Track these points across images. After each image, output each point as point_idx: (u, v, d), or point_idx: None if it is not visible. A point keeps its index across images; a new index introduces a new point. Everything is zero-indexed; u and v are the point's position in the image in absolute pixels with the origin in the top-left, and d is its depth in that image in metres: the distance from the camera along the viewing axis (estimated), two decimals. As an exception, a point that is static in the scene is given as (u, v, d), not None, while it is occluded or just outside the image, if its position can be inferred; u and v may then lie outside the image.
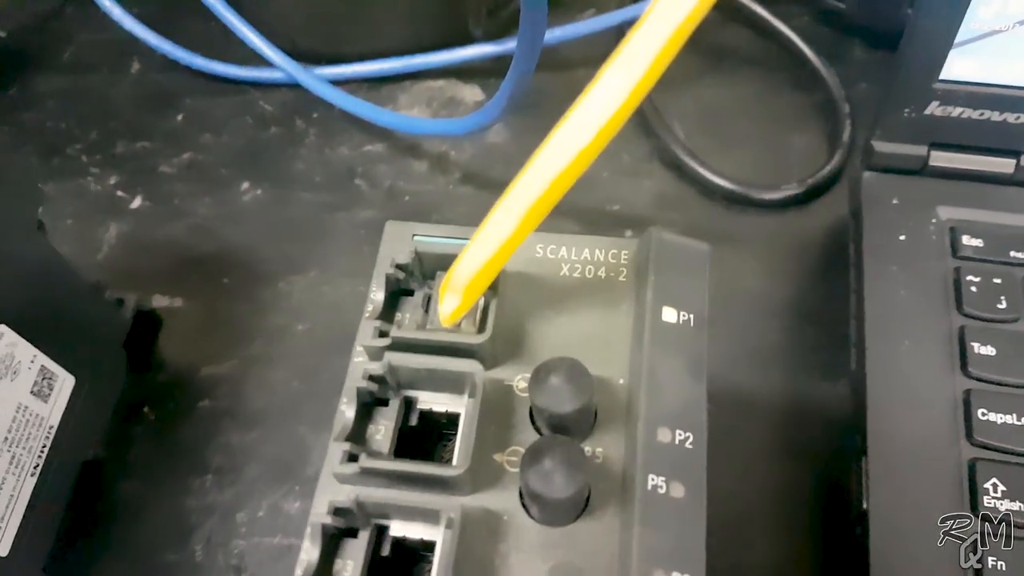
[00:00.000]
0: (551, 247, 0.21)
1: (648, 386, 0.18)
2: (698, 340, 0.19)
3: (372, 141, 0.40)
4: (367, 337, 0.19)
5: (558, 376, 0.17)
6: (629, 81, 0.16)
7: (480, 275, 0.18)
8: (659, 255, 0.20)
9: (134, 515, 0.32)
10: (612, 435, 0.18)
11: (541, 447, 0.16)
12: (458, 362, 0.18)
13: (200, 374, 0.35)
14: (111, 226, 0.39)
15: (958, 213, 0.33)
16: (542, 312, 0.20)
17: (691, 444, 0.18)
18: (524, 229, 0.17)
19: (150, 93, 0.42)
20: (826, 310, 0.35)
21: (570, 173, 0.17)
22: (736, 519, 0.31)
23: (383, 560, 0.18)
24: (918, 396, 0.30)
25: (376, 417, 0.19)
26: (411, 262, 0.19)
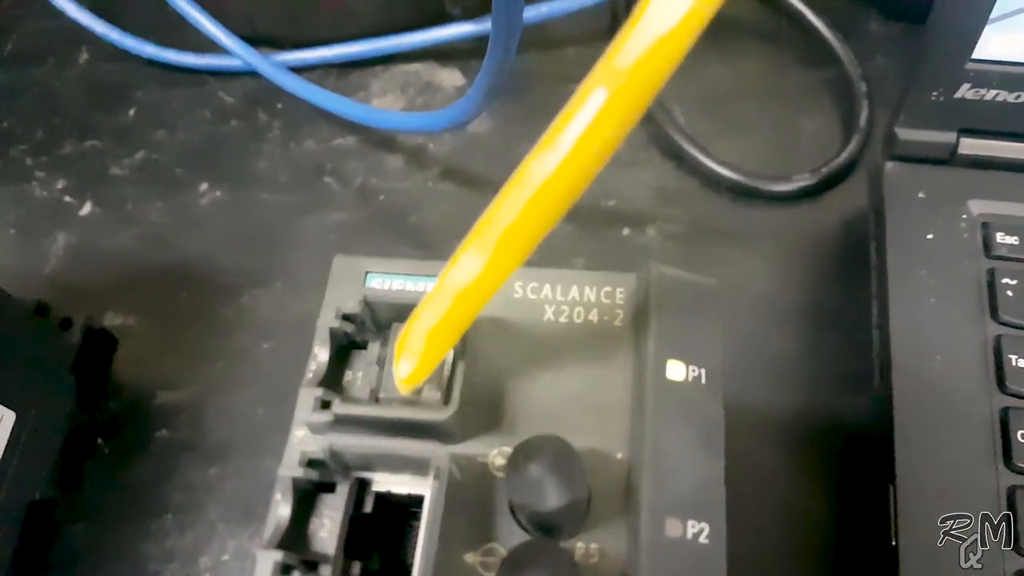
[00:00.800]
0: (532, 285, 0.17)
1: (653, 464, 0.15)
2: (711, 402, 0.15)
3: (342, 134, 0.36)
4: (307, 410, 0.15)
5: (539, 463, 0.14)
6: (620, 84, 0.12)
7: (442, 330, 0.14)
8: (660, 296, 0.16)
9: (88, 562, 0.29)
10: (610, 527, 0.15)
11: (522, 559, 0.13)
12: (417, 445, 0.14)
13: (157, 401, 0.32)
14: (58, 236, 0.35)
15: (991, 207, 0.29)
16: (522, 367, 0.16)
17: (707, 538, 0.14)
18: (498, 273, 0.14)
19: (99, 86, 0.39)
20: (844, 315, 0.31)
21: (557, 195, 0.13)
22: (748, 552, 0.28)
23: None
24: (952, 418, 0.26)
25: (320, 508, 0.15)
26: (361, 312, 0.16)
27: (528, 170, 0.13)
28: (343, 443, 0.14)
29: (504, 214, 0.14)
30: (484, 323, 0.17)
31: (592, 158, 0.12)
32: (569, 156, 0.12)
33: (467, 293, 0.14)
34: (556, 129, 0.12)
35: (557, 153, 0.12)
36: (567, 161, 0.12)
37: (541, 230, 0.14)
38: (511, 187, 0.13)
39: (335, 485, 0.15)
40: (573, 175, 0.13)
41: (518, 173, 0.13)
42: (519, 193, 0.13)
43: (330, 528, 0.15)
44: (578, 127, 0.12)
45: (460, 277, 0.14)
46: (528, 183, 0.13)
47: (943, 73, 0.28)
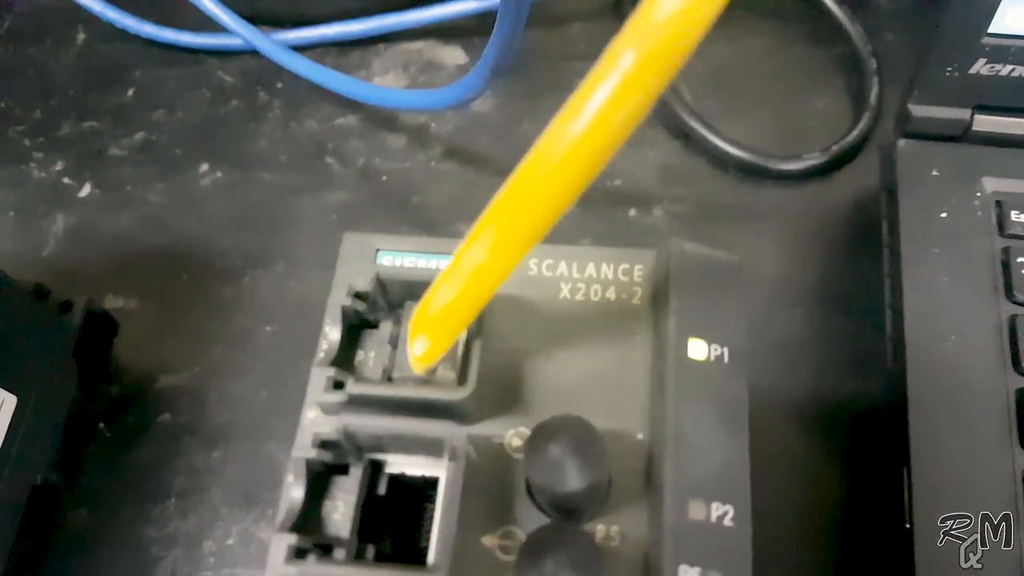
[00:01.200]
0: (548, 262, 0.17)
1: (675, 445, 0.14)
2: (735, 381, 0.15)
3: (343, 113, 0.36)
4: (319, 390, 0.15)
5: (560, 444, 0.13)
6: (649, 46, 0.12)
7: (457, 310, 0.14)
8: (681, 273, 0.15)
9: (91, 547, 0.29)
10: (631, 509, 0.14)
11: (540, 543, 0.13)
12: (432, 425, 0.14)
13: (158, 385, 0.31)
14: (57, 218, 0.34)
15: (1006, 185, 0.29)
16: (539, 346, 0.16)
17: (731, 520, 0.14)
18: (516, 251, 0.13)
19: (97, 66, 0.38)
20: (855, 295, 0.31)
21: (583, 170, 0.12)
22: (760, 534, 0.28)
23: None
24: (967, 399, 0.26)
25: (333, 490, 0.15)
26: (372, 290, 0.15)
27: (550, 141, 0.13)
28: (356, 423, 0.14)
29: (523, 189, 0.13)
30: (499, 301, 0.16)
31: (619, 127, 0.12)
32: (594, 124, 0.12)
33: (483, 271, 0.13)
34: (581, 96, 0.12)
35: (581, 121, 0.12)
36: (592, 130, 0.12)
37: (562, 205, 0.13)
38: (531, 160, 0.13)
39: (348, 467, 0.15)
40: (598, 145, 0.12)
41: (539, 145, 0.13)
42: (540, 166, 0.13)
43: (343, 511, 0.14)
44: (604, 93, 0.11)
45: (476, 255, 0.13)
46: (549, 155, 0.13)
47: (958, 48, 0.27)
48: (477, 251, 0.13)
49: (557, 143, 0.12)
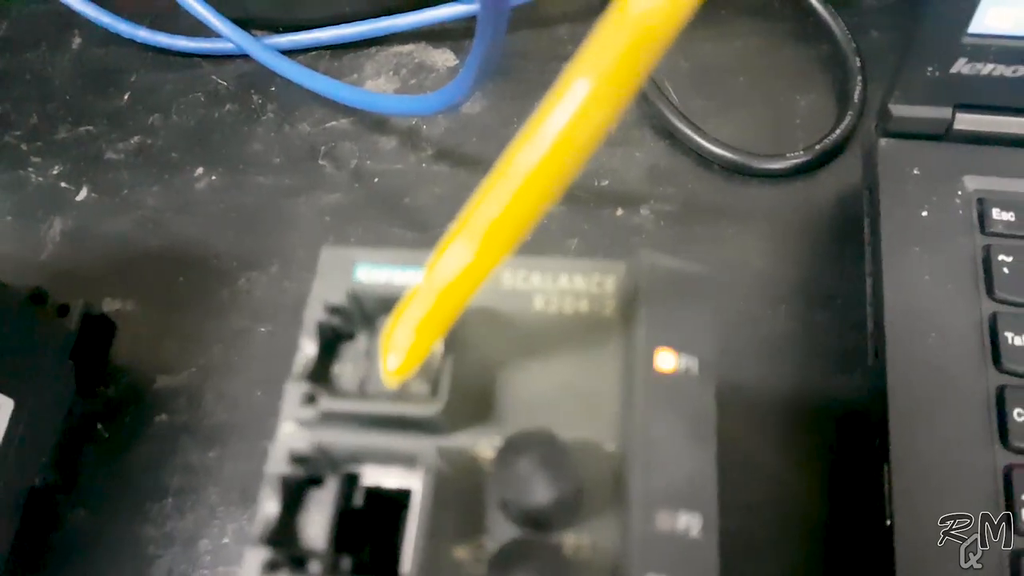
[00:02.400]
0: (521, 274, 0.17)
1: (643, 457, 0.14)
2: (703, 392, 0.15)
3: (336, 116, 0.36)
4: (294, 406, 0.15)
5: (528, 459, 0.13)
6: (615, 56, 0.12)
7: (429, 326, 0.14)
8: (651, 285, 0.15)
9: (89, 546, 0.29)
10: (602, 520, 0.14)
11: (510, 555, 0.13)
12: (404, 440, 0.14)
13: (156, 385, 0.31)
14: (55, 221, 0.34)
15: (987, 183, 0.29)
16: (512, 358, 0.16)
17: (699, 532, 0.14)
18: (485, 265, 0.13)
19: (92, 71, 0.38)
20: (838, 293, 0.31)
21: (547, 189, 0.12)
22: (742, 531, 0.28)
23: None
24: (947, 396, 0.26)
25: (308, 504, 0.15)
26: (348, 304, 0.15)
27: (512, 161, 0.13)
28: (331, 438, 0.14)
29: (489, 205, 0.13)
30: (472, 313, 0.16)
31: (577, 149, 0.12)
32: (553, 149, 0.12)
33: (453, 286, 0.13)
34: (538, 120, 0.12)
35: (540, 145, 0.12)
36: (551, 153, 0.12)
37: (528, 220, 0.13)
38: (495, 178, 0.13)
39: (324, 479, 0.15)
40: (558, 167, 0.12)
41: (502, 163, 0.13)
42: (504, 184, 0.13)
43: (320, 523, 0.14)
44: (560, 120, 0.11)
45: (446, 270, 0.13)
46: (512, 175, 0.13)
47: (938, 48, 0.27)
48: (446, 266, 0.13)
49: (519, 164, 0.12)
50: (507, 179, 0.13)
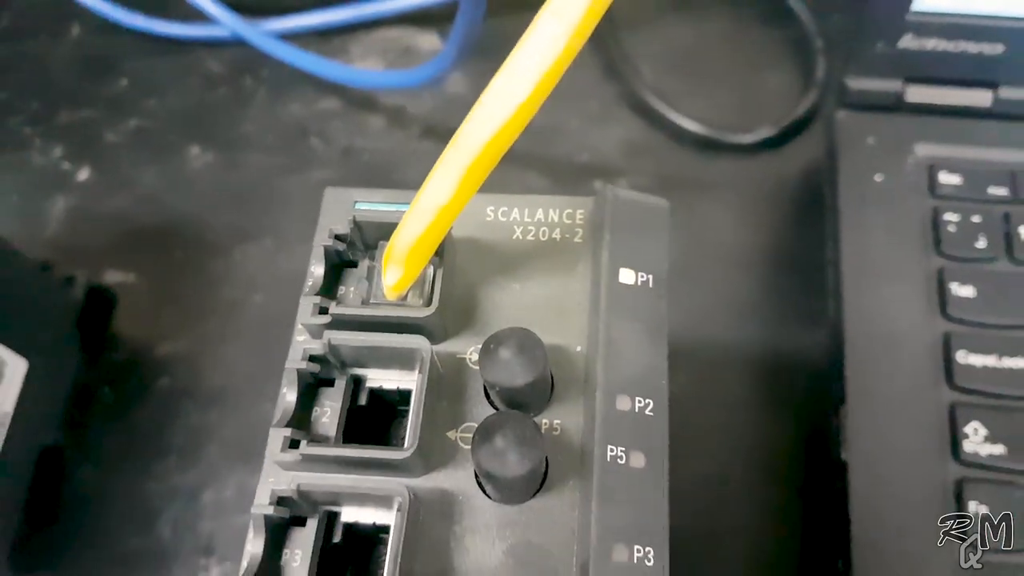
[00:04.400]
0: (502, 209, 0.20)
1: (606, 353, 0.17)
2: (657, 302, 0.18)
3: (326, 97, 0.39)
4: (306, 315, 0.18)
5: (508, 348, 0.16)
6: (567, 26, 0.15)
7: (423, 242, 0.17)
8: (615, 214, 0.19)
9: (98, 501, 0.32)
10: (570, 405, 0.18)
11: (492, 424, 0.16)
12: (404, 338, 0.17)
13: (157, 352, 0.34)
14: (58, 200, 0.37)
15: (936, 150, 0.32)
16: (494, 279, 0.19)
17: (651, 411, 0.17)
18: (466, 191, 0.17)
19: (91, 58, 0.41)
20: (803, 257, 0.34)
21: (510, 128, 0.16)
22: (714, 477, 0.31)
23: (335, 547, 0.17)
24: (897, 341, 0.29)
25: (322, 399, 0.18)
26: (351, 232, 0.19)
27: (492, 99, 0.16)
28: (340, 339, 0.17)
29: (471, 140, 0.16)
30: (460, 243, 0.19)
31: (544, 87, 0.15)
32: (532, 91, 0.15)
33: (442, 208, 0.17)
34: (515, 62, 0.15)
35: (519, 86, 0.15)
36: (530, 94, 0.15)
37: (502, 150, 0.16)
38: (476, 115, 0.16)
39: (333, 381, 0.18)
40: (531, 103, 0.15)
41: (481, 103, 0.16)
42: (484, 122, 0.16)
43: (331, 416, 0.18)
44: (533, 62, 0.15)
45: (436, 194, 0.17)
46: (491, 114, 0.16)
47: (886, 24, 0.31)
48: (435, 190, 0.17)
49: (496, 100, 0.16)
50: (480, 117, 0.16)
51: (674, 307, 0.22)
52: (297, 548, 0.17)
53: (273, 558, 0.16)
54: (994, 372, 0.28)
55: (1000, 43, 0.31)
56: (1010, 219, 0.31)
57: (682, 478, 0.29)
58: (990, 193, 0.31)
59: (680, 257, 0.33)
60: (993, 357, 0.29)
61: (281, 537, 0.17)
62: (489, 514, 0.17)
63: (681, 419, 0.30)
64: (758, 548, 0.30)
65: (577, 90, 0.38)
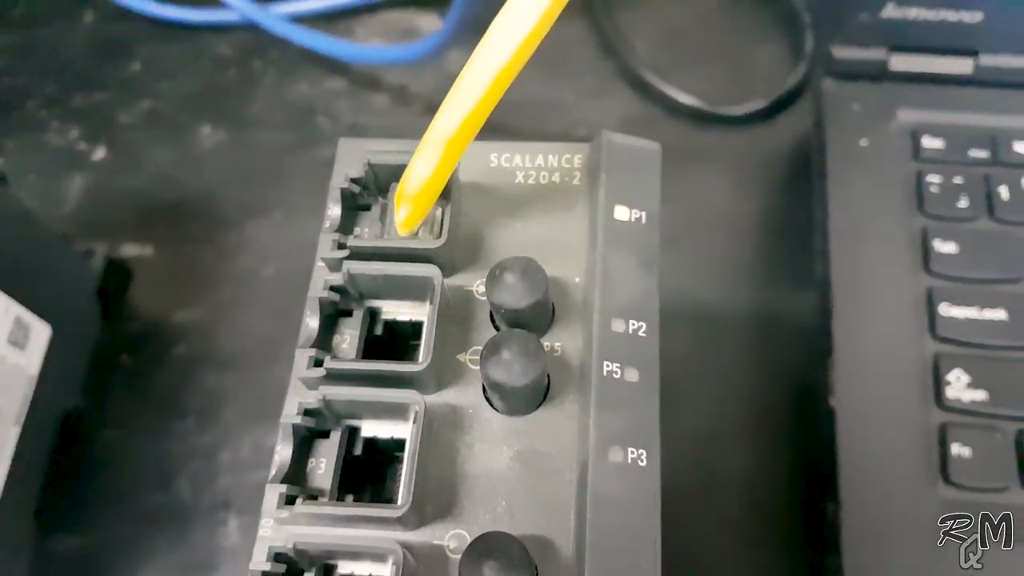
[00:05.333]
0: (505, 156, 0.22)
1: (603, 281, 0.19)
2: (650, 236, 0.20)
3: (331, 78, 0.41)
4: (326, 249, 0.20)
5: (513, 273, 0.18)
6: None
7: (432, 180, 0.19)
8: (611, 156, 0.21)
9: (119, 462, 0.34)
10: (569, 330, 0.19)
11: (499, 339, 0.18)
12: (417, 267, 0.19)
13: (173, 320, 0.36)
14: (75, 179, 0.39)
15: (919, 116, 0.34)
16: (499, 220, 0.21)
17: (644, 333, 0.19)
18: (469, 129, 0.18)
19: (104, 43, 0.43)
20: (793, 222, 0.36)
21: (507, 73, 0.18)
22: (709, 429, 0.33)
23: (356, 460, 0.19)
24: (882, 295, 0.31)
25: (341, 328, 0.20)
26: (365, 175, 0.20)
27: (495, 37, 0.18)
28: (358, 269, 0.19)
29: (476, 75, 0.18)
30: (466, 187, 0.21)
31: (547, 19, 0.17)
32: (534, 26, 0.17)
33: (451, 141, 0.18)
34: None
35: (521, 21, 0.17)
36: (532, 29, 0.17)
37: (506, 83, 0.18)
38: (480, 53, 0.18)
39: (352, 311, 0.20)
40: (534, 36, 0.17)
41: (485, 42, 0.18)
42: (488, 57, 0.18)
43: (350, 342, 0.19)
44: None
45: (444, 128, 0.18)
46: (495, 50, 0.18)
47: (869, -6, 0.33)
48: (444, 124, 0.18)
49: (499, 36, 0.17)
50: (479, 63, 0.18)
51: (670, 270, 0.24)
52: (322, 457, 0.18)
53: (299, 465, 0.18)
54: (975, 323, 0.30)
55: (979, 11, 0.33)
56: (990, 180, 0.32)
57: (678, 431, 0.31)
58: (971, 156, 0.33)
59: (675, 224, 0.35)
60: (974, 309, 0.30)
61: (307, 448, 0.18)
62: (497, 425, 0.19)
63: (677, 376, 0.32)
64: (751, 495, 0.31)
65: (574, 67, 0.40)
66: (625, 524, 0.17)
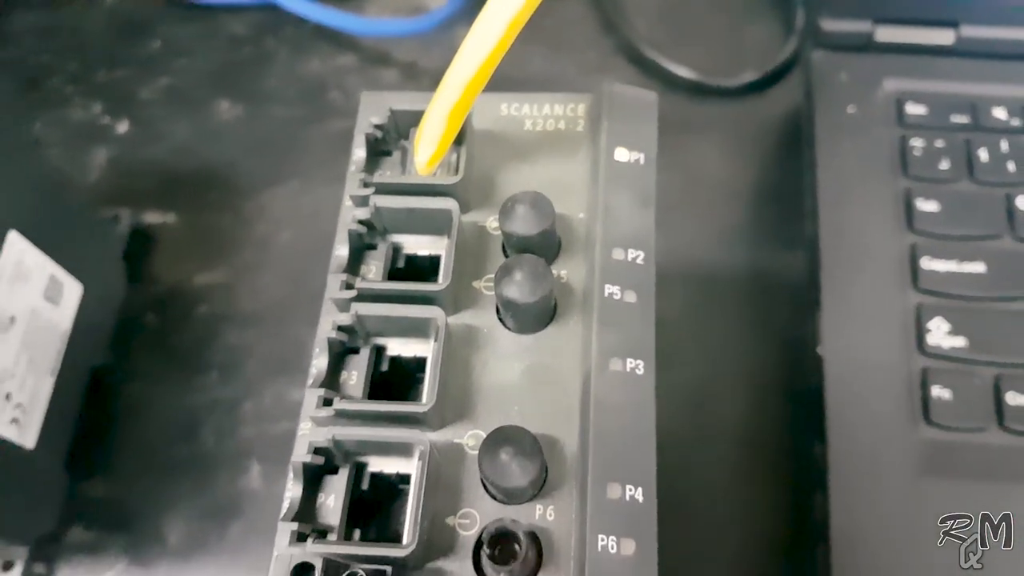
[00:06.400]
0: (515, 105, 0.24)
1: (604, 215, 0.21)
2: (647, 175, 0.22)
3: (342, 54, 0.43)
4: (353, 187, 0.22)
5: (524, 204, 0.20)
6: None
7: (450, 120, 0.21)
8: (612, 104, 0.23)
9: (145, 413, 0.36)
10: (574, 260, 0.22)
11: (512, 262, 0.20)
12: (436, 200, 0.21)
13: (195, 283, 0.38)
14: (99, 151, 0.41)
15: (903, 84, 0.36)
16: (509, 163, 0.23)
17: (642, 260, 0.21)
18: (485, 71, 0.21)
19: (124, 24, 0.45)
20: (785, 188, 0.38)
21: (519, 18, 0.20)
22: (707, 380, 0.35)
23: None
24: (867, 251, 0.33)
25: (367, 259, 0.22)
26: (387, 122, 0.23)
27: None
28: (383, 203, 0.21)
29: (490, 28, 0.20)
30: (479, 134, 0.23)
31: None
32: None
33: (469, 85, 0.21)
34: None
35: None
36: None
37: (518, 28, 0.20)
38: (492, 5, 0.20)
39: (377, 245, 0.22)
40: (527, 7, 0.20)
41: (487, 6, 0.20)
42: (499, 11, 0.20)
43: (376, 272, 0.22)
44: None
45: (457, 79, 0.21)
46: (506, 4, 0.20)
47: (855, -32, 0.35)
48: (461, 67, 0.20)
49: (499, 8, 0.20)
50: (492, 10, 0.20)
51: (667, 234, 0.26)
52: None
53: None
54: (955, 276, 0.32)
55: (959, -15, 0.35)
56: (970, 144, 0.35)
57: (676, 381, 0.34)
58: (952, 121, 0.35)
59: (674, 190, 0.37)
60: (954, 262, 0.32)
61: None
62: (509, 342, 0.21)
63: (676, 330, 0.34)
64: (744, 439, 0.34)
65: (576, 43, 0.42)
66: (624, 425, 0.19)
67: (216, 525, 0.34)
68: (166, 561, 0.34)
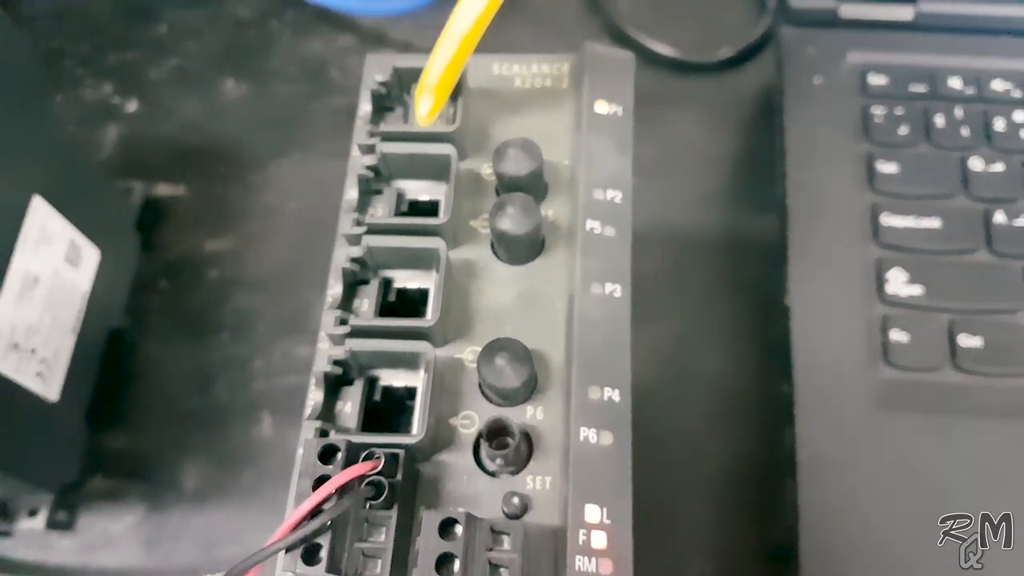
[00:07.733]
0: (505, 65, 0.27)
1: (586, 160, 0.24)
2: (625, 126, 0.25)
3: (342, 36, 0.46)
4: (361, 137, 0.24)
5: (515, 147, 0.23)
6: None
7: (448, 72, 0.24)
8: (593, 62, 0.26)
9: (161, 370, 0.38)
10: (560, 200, 0.24)
11: (505, 199, 0.22)
12: (436, 146, 0.24)
13: (206, 250, 0.41)
14: (111, 128, 0.44)
15: (866, 57, 0.39)
16: (501, 116, 0.26)
17: (619, 200, 0.24)
18: (479, 25, 0.23)
19: (133, 8, 0.47)
20: (759, 156, 0.41)
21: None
22: (684, 332, 0.38)
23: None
24: (832, 209, 0.36)
25: (375, 203, 0.24)
26: (391, 79, 0.25)
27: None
28: (389, 149, 0.24)
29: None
30: (474, 92, 0.26)
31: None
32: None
33: (465, 38, 0.23)
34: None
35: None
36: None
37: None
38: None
39: (383, 190, 0.24)
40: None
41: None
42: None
43: (383, 213, 0.24)
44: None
45: (453, 35, 0.23)
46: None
47: (819, -52, 0.38)
48: (459, 23, 0.23)
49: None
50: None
51: (647, 200, 0.29)
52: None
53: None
54: (913, 231, 0.35)
55: (916, -36, 0.38)
56: (928, 111, 0.37)
57: (656, 335, 0.36)
58: (911, 90, 0.38)
59: (654, 159, 0.40)
60: (912, 219, 0.35)
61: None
62: (502, 272, 0.24)
63: (656, 287, 0.37)
64: (719, 383, 0.36)
65: (562, 23, 0.45)
66: (604, 337, 0.22)
67: (230, 472, 0.36)
68: (182, 507, 0.36)
